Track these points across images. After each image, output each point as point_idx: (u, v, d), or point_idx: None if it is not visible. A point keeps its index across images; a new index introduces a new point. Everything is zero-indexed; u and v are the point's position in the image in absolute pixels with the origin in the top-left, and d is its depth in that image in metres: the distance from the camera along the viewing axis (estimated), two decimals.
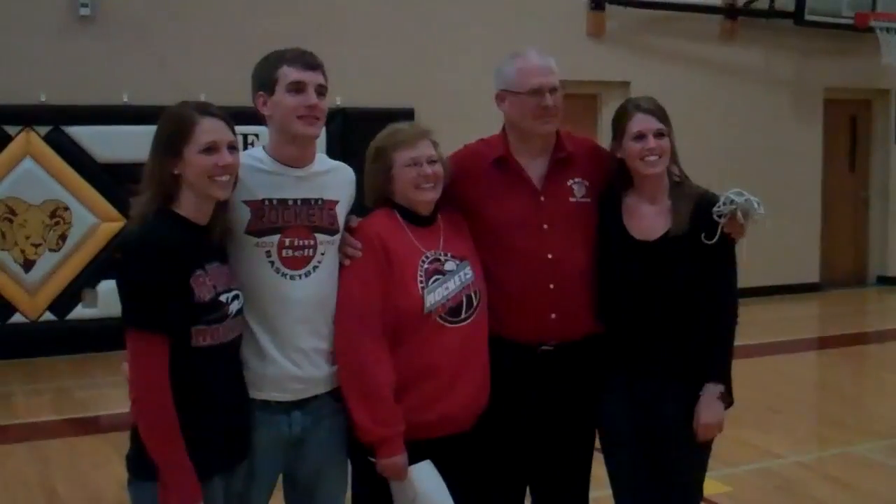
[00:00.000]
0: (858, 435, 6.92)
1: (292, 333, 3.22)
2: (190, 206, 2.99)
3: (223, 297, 3.00)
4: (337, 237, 3.33)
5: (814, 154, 13.40)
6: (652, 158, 3.53)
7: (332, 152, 3.66)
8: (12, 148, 9.34)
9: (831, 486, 5.92)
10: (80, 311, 9.64)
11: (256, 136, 8.03)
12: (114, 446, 6.38)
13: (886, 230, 14.07)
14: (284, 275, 3.21)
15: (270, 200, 3.21)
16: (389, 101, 10.27)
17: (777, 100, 13.10)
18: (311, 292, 3.25)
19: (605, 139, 3.78)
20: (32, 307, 9.49)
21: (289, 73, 3.19)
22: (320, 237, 3.27)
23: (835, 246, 13.83)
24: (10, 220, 9.32)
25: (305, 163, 3.30)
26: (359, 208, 3.48)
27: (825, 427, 7.40)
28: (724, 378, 3.59)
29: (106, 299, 9.31)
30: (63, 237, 9.52)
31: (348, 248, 3.34)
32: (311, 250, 3.25)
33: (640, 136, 3.53)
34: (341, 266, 3.34)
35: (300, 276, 3.23)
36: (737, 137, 12.58)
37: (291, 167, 3.27)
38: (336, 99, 9.71)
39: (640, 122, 3.55)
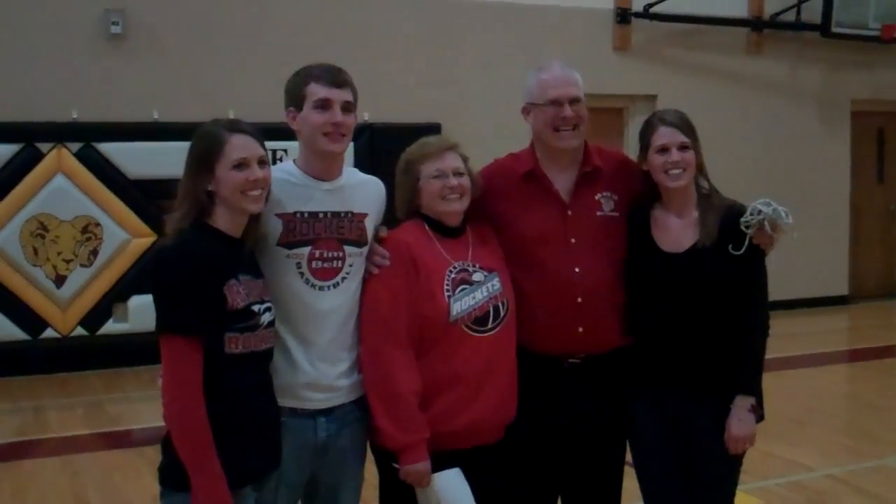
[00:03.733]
0: (890, 447, 6.88)
1: (320, 343, 3.29)
2: (224, 220, 3.06)
3: (255, 308, 3.05)
4: (365, 249, 3.39)
5: (841, 166, 13.34)
6: (675, 171, 3.54)
7: (360, 167, 3.71)
8: (44, 164, 9.42)
9: (863, 499, 5.88)
10: (111, 326, 9.68)
11: (285, 151, 8.12)
12: (146, 460, 6.43)
13: None
14: (314, 286, 3.28)
15: (301, 213, 3.28)
16: (417, 116, 10.32)
17: (804, 112, 13.06)
18: (338, 303, 3.31)
19: (632, 152, 3.79)
20: (64, 322, 9.56)
21: (316, 91, 3.25)
22: (349, 249, 3.33)
23: (863, 258, 13.75)
24: (42, 236, 9.40)
25: (333, 176, 3.36)
26: (390, 220, 3.53)
27: (856, 440, 7.35)
28: (755, 391, 3.58)
29: (137, 314, 9.37)
30: (94, 253, 9.59)
31: (376, 257, 3.40)
32: (339, 262, 3.31)
33: (664, 149, 3.55)
34: (368, 275, 3.39)
35: (329, 286, 3.30)
36: (764, 150, 12.56)
37: (320, 180, 3.33)
38: (364, 114, 9.76)
39: (664, 135, 3.57)
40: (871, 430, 7.52)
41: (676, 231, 3.61)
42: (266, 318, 3.09)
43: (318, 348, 3.28)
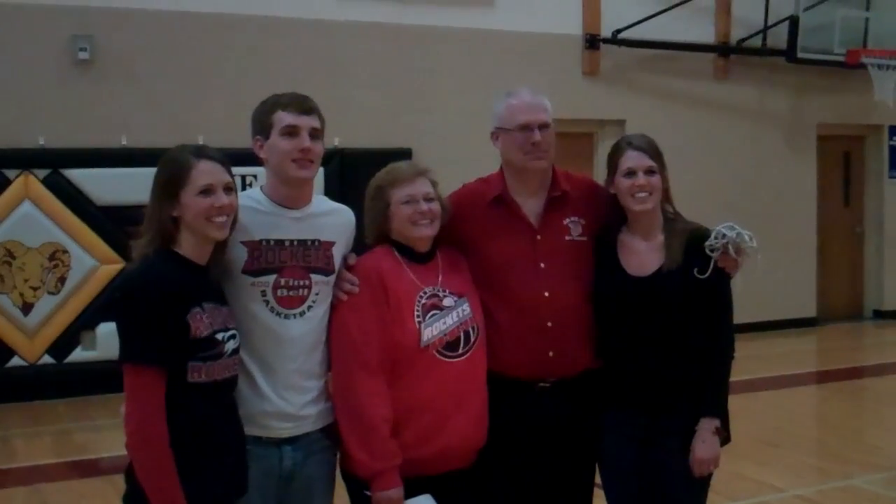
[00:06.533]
0: (857, 467, 6.94)
1: (286, 371, 3.27)
2: (189, 247, 3.04)
3: (219, 336, 3.03)
4: (332, 277, 3.38)
5: (808, 190, 13.47)
6: (642, 195, 3.57)
7: (330, 192, 3.72)
8: (11, 191, 9.38)
9: None
10: (79, 354, 9.62)
11: (255, 177, 8.10)
12: (115, 488, 6.33)
13: (882, 264, 14.12)
14: (279, 314, 3.27)
15: (267, 241, 3.27)
16: (387, 141, 10.35)
17: (771, 136, 13.18)
18: (304, 331, 3.30)
19: (601, 177, 3.82)
20: (31, 350, 9.49)
21: (283, 118, 3.24)
22: (315, 277, 3.32)
23: (831, 281, 13.88)
24: (9, 264, 9.34)
25: (301, 204, 3.36)
26: (359, 246, 3.52)
27: (824, 460, 7.40)
28: (720, 413, 3.60)
29: (105, 342, 9.32)
30: (62, 280, 9.54)
31: (345, 284, 3.38)
32: (305, 290, 3.30)
33: (631, 173, 3.58)
34: (338, 302, 3.38)
35: (295, 315, 3.29)
36: (731, 174, 12.65)
37: (288, 208, 3.32)
38: (334, 140, 9.78)
39: (631, 158, 3.60)
40: (839, 450, 7.57)
41: (642, 254, 3.64)
42: (230, 345, 3.07)
43: (283, 377, 3.27)
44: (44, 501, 6.61)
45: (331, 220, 3.43)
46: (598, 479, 3.82)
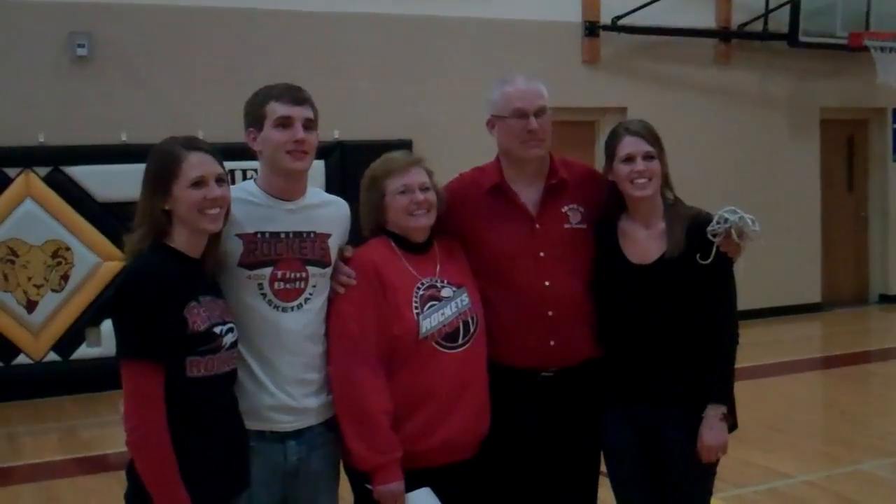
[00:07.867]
0: (865, 453, 6.93)
1: (285, 365, 3.25)
2: (182, 240, 3.02)
3: (217, 329, 3.01)
4: (328, 270, 3.37)
5: (812, 175, 13.41)
6: (641, 181, 3.54)
7: (332, 185, 3.70)
8: (12, 190, 9.36)
9: None
10: (84, 351, 9.62)
11: (256, 171, 8.07)
12: (122, 484, 6.31)
13: (887, 249, 14.07)
14: (277, 307, 3.25)
15: (263, 233, 3.25)
16: (387, 133, 10.30)
17: (773, 121, 13.13)
18: (303, 323, 3.28)
19: (602, 165, 3.79)
20: (36, 348, 9.49)
21: (276, 109, 3.23)
22: (312, 269, 3.31)
23: (836, 266, 13.82)
24: (12, 262, 9.33)
25: (296, 196, 3.34)
26: (356, 239, 3.50)
27: (832, 446, 7.38)
28: (726, 399, 3.58)
29: (110, 338, 9.19)
30: (65, 277, 9.53)
31: (342, 277, 3.37)
32: (302, 282, 3.29)
33: (629, 159, 3.55)
34: (335, 295, 3.36)
35: (292, 307, 3.27)
36: (734, 160, 12.61)
37: (283, 200, 3.31)
38: (334, 132, 9.75)
39: (629, 144, 3.57)
40: (846, 435, 7.56)
41: (644, 242, 3.61)
42: (229, 339, 3.05)
43: (283, 370, 3.25)
44: (51, 498, 6.61)
45: (326, 212, 3.41)
46: (603, 468, 3.81)
